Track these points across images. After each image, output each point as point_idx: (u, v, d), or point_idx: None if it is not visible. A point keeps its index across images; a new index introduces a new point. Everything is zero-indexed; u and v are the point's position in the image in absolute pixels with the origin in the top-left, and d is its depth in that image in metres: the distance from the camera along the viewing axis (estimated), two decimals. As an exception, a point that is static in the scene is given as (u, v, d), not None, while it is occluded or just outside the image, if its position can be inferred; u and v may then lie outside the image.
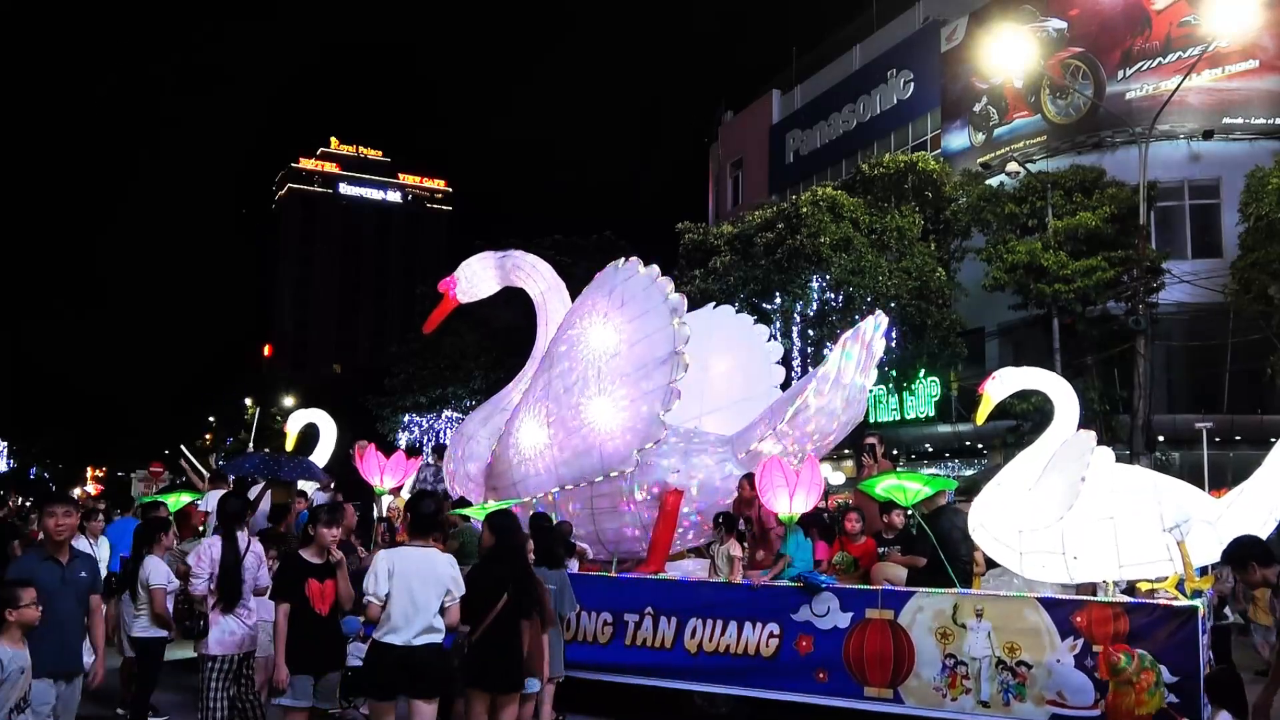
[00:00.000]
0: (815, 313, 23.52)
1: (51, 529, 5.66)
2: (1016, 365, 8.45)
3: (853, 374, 8.75)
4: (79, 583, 5.68)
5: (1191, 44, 23.56)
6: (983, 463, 24.98)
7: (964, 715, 6.89)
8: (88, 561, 5.88)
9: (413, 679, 5.55)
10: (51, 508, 5.72)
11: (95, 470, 68.42)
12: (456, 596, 5.74)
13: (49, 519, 5.68)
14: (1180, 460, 20.57)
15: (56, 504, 5.77)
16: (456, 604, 5.75)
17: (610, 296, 8.92)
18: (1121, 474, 7.40)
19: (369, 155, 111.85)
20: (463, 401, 33.90)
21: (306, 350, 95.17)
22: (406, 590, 5.56)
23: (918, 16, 31.75)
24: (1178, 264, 22.21)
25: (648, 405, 8.37)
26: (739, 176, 39.87)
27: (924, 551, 7.62)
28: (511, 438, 9.36)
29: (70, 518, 5.78)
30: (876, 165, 25.24)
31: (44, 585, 5.36)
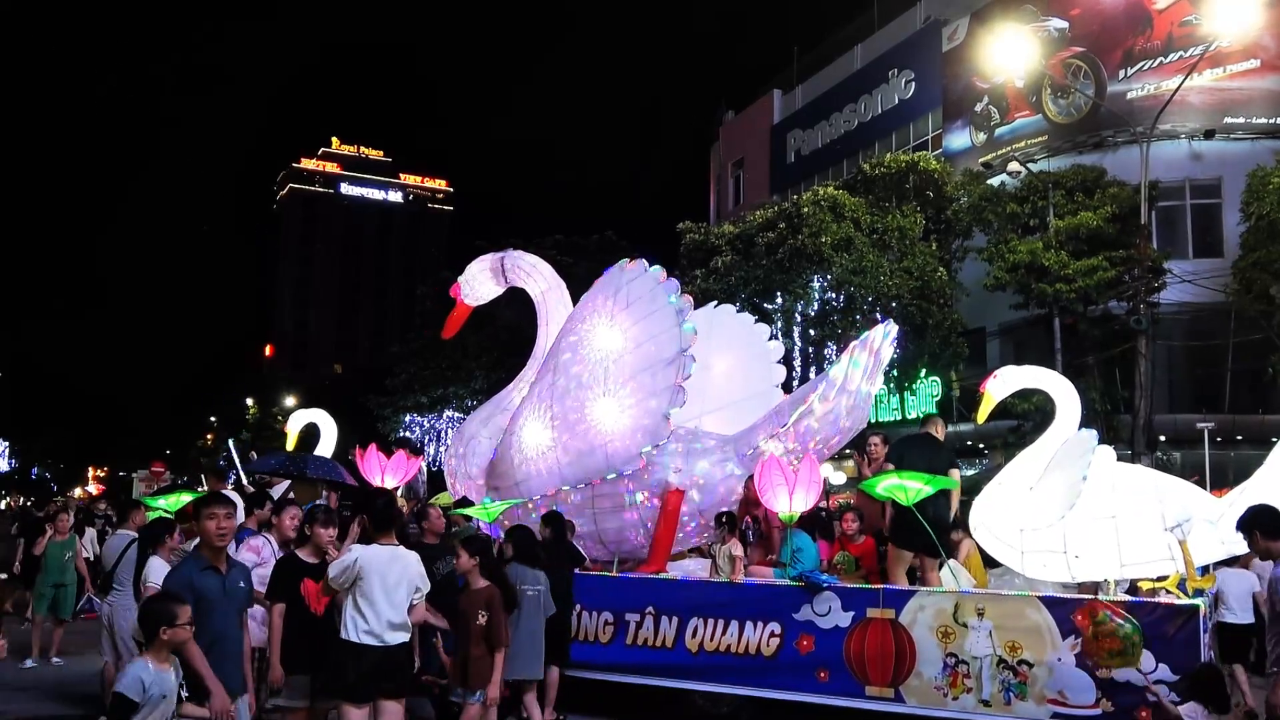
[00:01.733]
0: (816, 313, 23.51)
1: (212, 533, 5.05)
2: (1018, 365, 8.43)
3: (859, 381, 8.75)
4: (238, 594, 5.19)
5: (1193, 44, 23.56)
6: (984, 462, 24.96)
7: (965, 714, 6.88)
8: (244, 571, 5.38)
9: (386, 679, 5.54)
10: (212, 509, 5.11)
11: (96, 470, 68.48)
12: (424, 593, 5.78)
13: (209, 521, 5.06)
14: (1182, 460, 20.57)
15: (217, 505, 5.17)
16: (422, 601, 5.78)
17: (616, 297, 8.92)
18: (1123, 473, 7.39)
19: (370, 155, 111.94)
20: (464, 401, 33.88)
21: (307, 350, 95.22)
22: (382, 590, 5.53)
23: (919, 16, 31.75)
24: (1179, 264, 22.20)
25: (655, 405, 8.38)
26: (740, 176, 39.88)
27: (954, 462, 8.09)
28: (514, 438, 9.35)
29: (231, 520, 5.18)
30: (878, 165, 25.23)
31: (207, 597, 4.86)
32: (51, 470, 74.22)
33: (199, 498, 6.09)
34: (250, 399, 56.66)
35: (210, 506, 5.13)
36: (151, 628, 4.39)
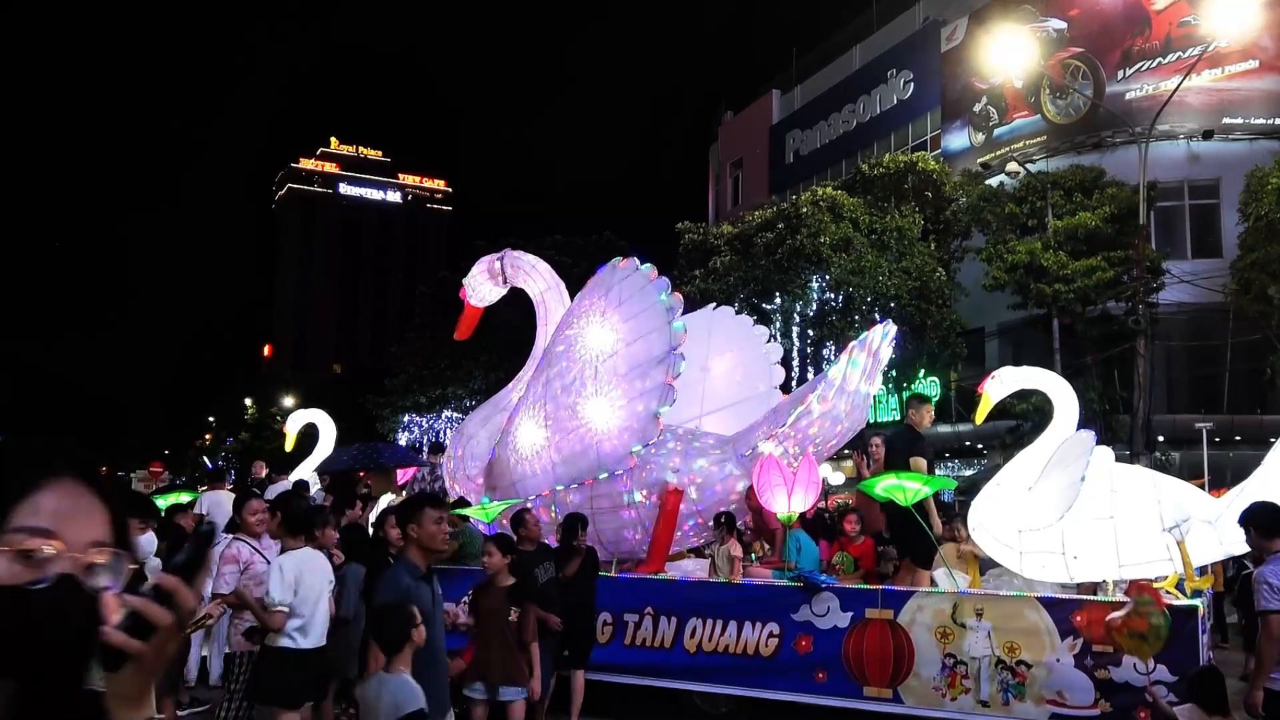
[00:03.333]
0: (815, 313, 23.52)
1: (439, 537, 4.67)
2: (1016, 365, 8.44)
3: (858, 382, 8.75)
4: (441, 604, 4.91)
5: (1191, 44, 23.57)
6: (983, 463, 24.98)
7: (964, 715, 6.88)
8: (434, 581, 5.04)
9: (321, 680, 5.61)
10: (432, 510, 4.68)
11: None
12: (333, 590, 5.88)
13: (430, 524, 4.64)
14: (1180, 460, 20.57)
15: (433, 505, 4.74)
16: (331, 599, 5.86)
17: (607, 296, 8.93)
18: (1121, 473, 7.39)
19: (369, 155, 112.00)
20: (463, 401, 33.89)
21: (306, 350, 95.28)
22: (315, 594, 5.54)
23: (918, 17, 31.76)
24: (1178, 264, 22.21)
25: (644, 405, 8.37)
26: (739, 176, 39.87)
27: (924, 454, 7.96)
28: (510, 438, 9.36)
29: (443, 524, 4.79)
30: (876, 165, 25.24)
31: (423, 609, 4.47)
32: (50, 470, 74.14)
33: (412, 498, 5.71)
34: (249, 399, 56.63)
35: (432, 509, 4.72)
36: (401, 635, 4.14)
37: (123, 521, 1.14)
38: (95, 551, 1.07)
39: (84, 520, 1.09)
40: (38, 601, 1.03)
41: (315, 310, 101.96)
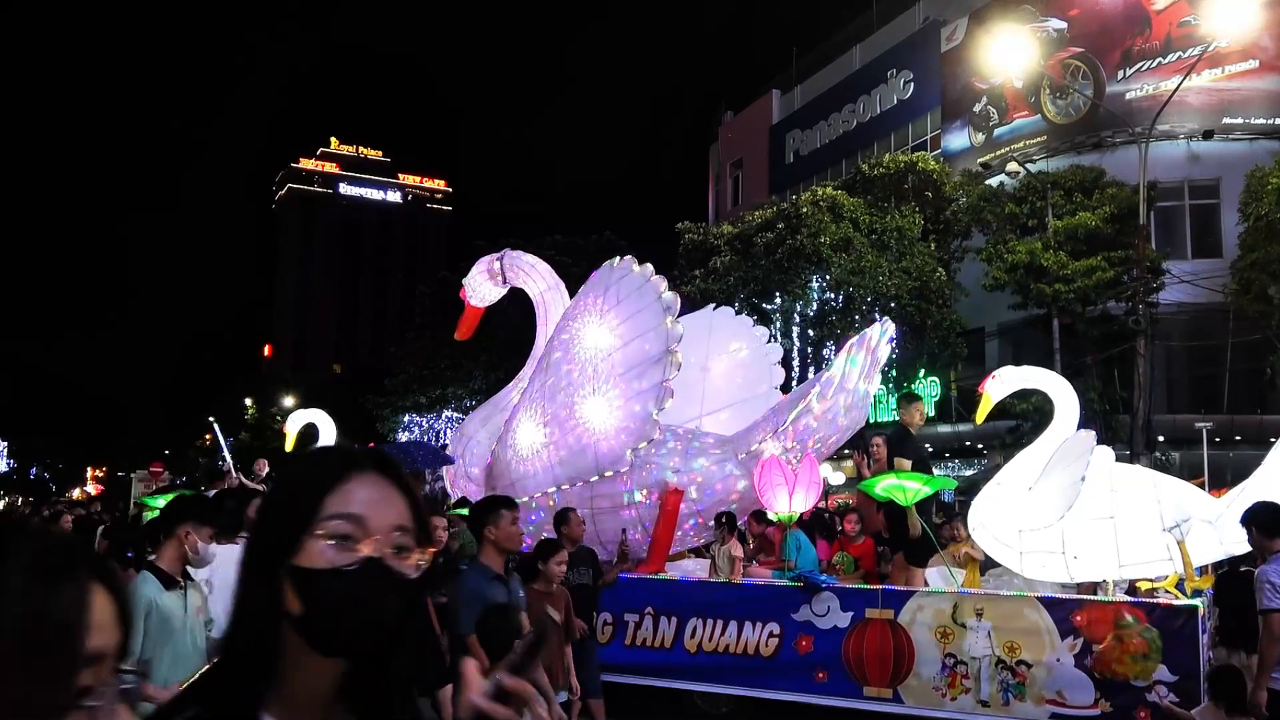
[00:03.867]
0: (815, 313, 23.52)
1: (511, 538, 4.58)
2: (1016, 365, 8.45)
3: (857, 379, 8.76)
4: (519, 605, 4.84)
5: (1191, 44, 23.56)
6: (983, 463, 24.97)
7: (964, 715, 6.89)
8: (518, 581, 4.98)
9: None
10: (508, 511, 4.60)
11: (95, 470, 68.38)
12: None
13: (507, 524, 4.59)
14: (1180, 460, 20.56)
15: (508, 507, 4.64)
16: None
17: (605, 295, 8.94)
18: (1121, 473, 7.40)
19: (369, 155, 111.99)
20: (463, 401, 33.89)
21: (306, 350, 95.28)
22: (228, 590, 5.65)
23: (918, 16, 31.75)
24: (1178, 264, 22.20)
25: (641, 404, 8.38)
26: (739, 176, 39.87)
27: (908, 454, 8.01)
28: (509, 438, 9.36)
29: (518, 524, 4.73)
30: (876, 165, 25.23)
31: None
32: (50, 470, 74.18)
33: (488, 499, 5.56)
34: (249, 399, 56.61)
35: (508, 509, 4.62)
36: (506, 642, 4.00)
37: (422, 512, 1.22)
38: (399, 535, 1.16)
39: (387, 508, 1.17)
40: (353, 582, 1.11)
41: (315, 310, 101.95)
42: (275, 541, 1.13)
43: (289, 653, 1.12)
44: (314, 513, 1.13)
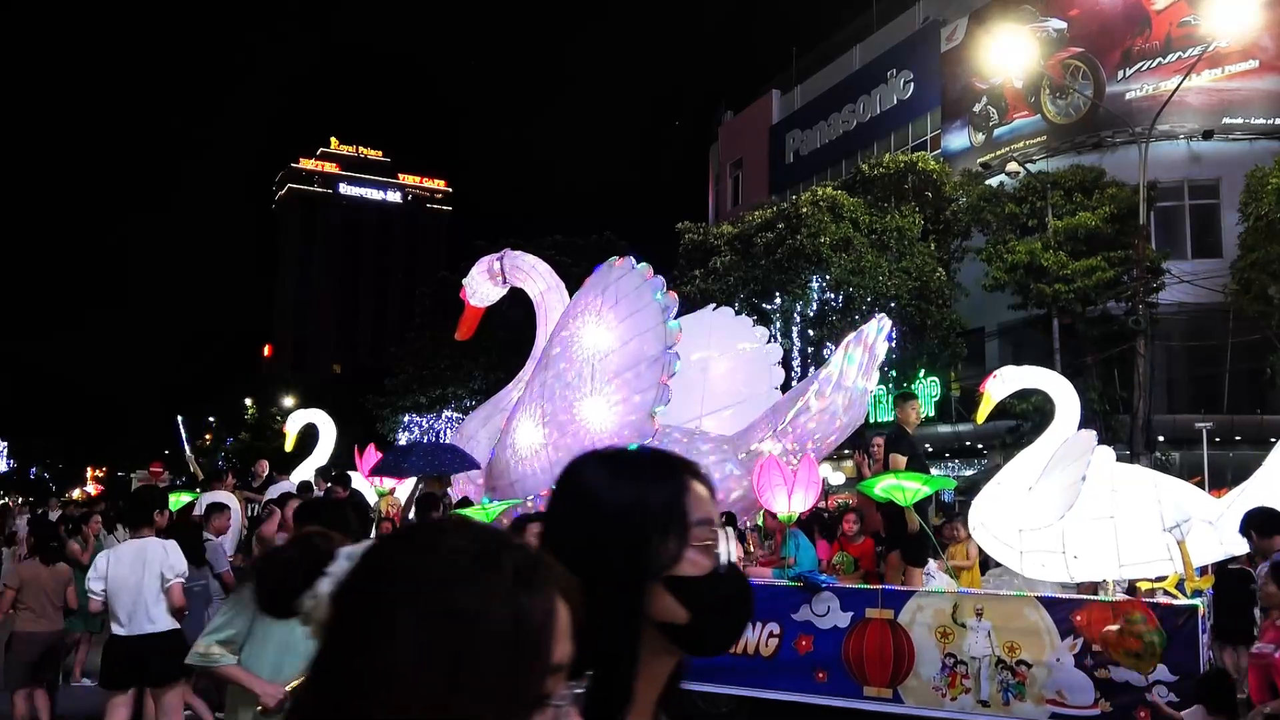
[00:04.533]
0: (815, 313, 23.52)
1: None
2: (1016, 365, 8.45)
3: (855, 377, 8.77)
4: None
5: (1191, 44, 23.55)
6: (983, 463, 24.96)
7: (964, 715, 6.88)
8: None
9: (142, 669, 5.93)
10: None
11: (95, 470, 68.37)
12: (172, 579, 6.01)
13: None
14: (1180, 460, 20.56)
15: None
16: (175, 585, 6.03)
17: (603, 295, 8.95)
18: (1121, 473, 7.40)
19: (369, 155, 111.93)
20: (463, 401, 33.88)
21: (306, 350, 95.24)
22: (123, 586, 5.92)
23: (918, 16, 31.75)
24: (1178, 264, 22.19)
25: (639, 404, 8.39)
26: (739, 176, 39.86)
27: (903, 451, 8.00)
28: (509, 437, 9.37)
29: None
30: (876, 165, 25.23)
31: None
32: (50, 470, 74.17)
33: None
34: (249, 399, 56.61)
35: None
36: None
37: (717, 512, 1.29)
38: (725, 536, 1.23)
39: (712, 510, 1.24)
40: (729, 584, 1.19)
41: (315, 310, 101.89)
42: (652, 555, 1.17)
43: (641, 659, 1.18)
44: (686, 523, 1.19)
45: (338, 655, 0.87)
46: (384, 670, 0.82)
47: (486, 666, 0.83)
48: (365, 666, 0.83)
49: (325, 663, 0.88)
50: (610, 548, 1.18)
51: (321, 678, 0.87)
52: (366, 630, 0.84)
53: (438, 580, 0.85)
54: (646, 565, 1.17)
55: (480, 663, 0.83)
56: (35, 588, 7.70)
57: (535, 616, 0.87)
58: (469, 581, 0.85)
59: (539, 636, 0.87)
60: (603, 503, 1.21)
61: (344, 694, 0.83)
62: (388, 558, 0.90)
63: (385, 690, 0.82)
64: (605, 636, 1.13)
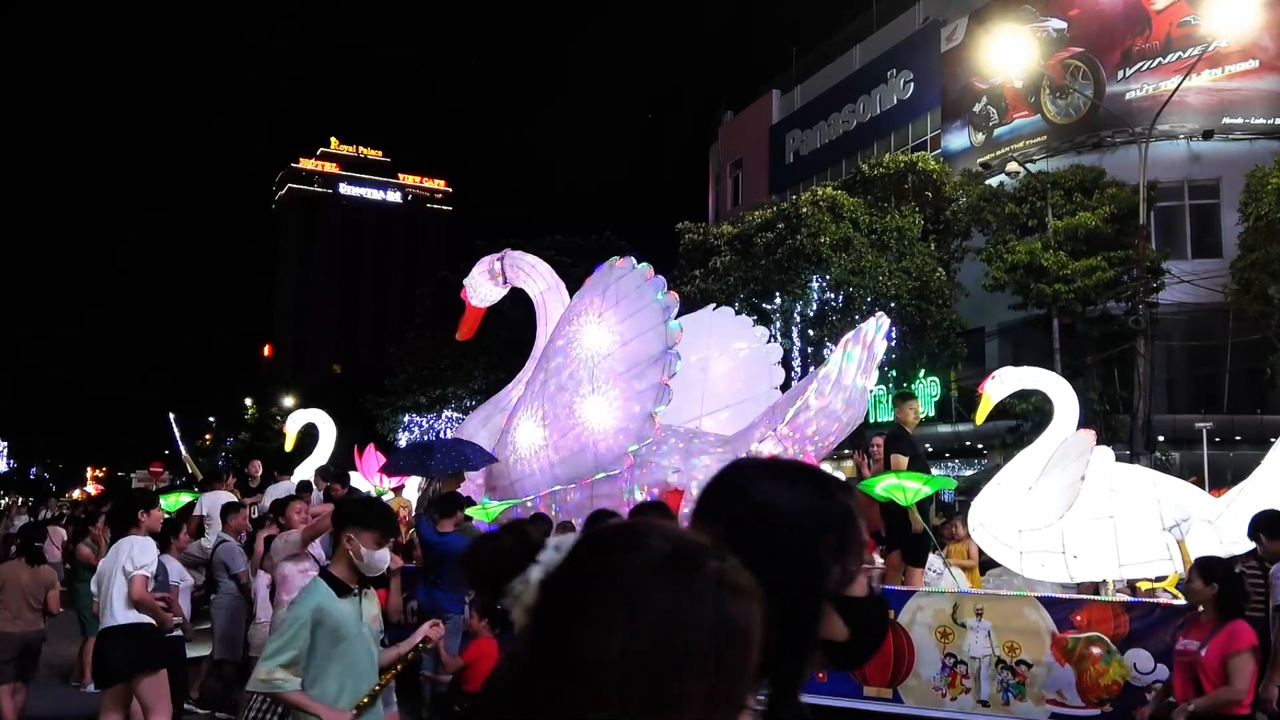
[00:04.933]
0: (815, 313, 23.51)
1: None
2: (1016, 365, 8.46)
3: (854, 375, 8.76)
4: None
5: (1191, 44, 23.55)
6: (983, 463, 24.96)
7: (964, 715, 6.88)
8: None
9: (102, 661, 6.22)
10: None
11: (95, 470, 68.38)
12: (133, 571, 6.14)
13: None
14: (1180, 460, 20.56)
15: None
16: (135, 576, 6.14)
17: (604, 295, 8.95)
18: (1121, 473, 7.40)
19: (369, 155, 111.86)
20: (463, 401, 33.87)
21: (306, 350, 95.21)
22: (102, 584, 6.27)
23: (918, 16, 31.74)
24: (1178, 264, 22.19)
25: (639, 404, 8.39)
26: (739, 176, 39.85)
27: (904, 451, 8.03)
28: (509, 438, 9.37)
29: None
30: (876, 165, 25.22)
31: None
32: (50, 470, 74.18)
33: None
34: (249, 399, 56.62)
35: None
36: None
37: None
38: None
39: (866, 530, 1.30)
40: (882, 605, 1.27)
41: (315, 310, 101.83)
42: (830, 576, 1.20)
43: None
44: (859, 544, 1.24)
45: (546, 644, 0.89)
46: (594, 664, 0.84)
47: (695, 668, 0.85)
48: (575, 657, 0.85)
49: (533, 649, 0.90)
50: (792, 565, 1.18)
51: (527, 665, 0.89)
52: (576, 623, 0.87)
53: (646, 581, 0.88)
54: (824, 585, 1.19)
55: (689, 664, 0.85)
56: (15, 589, 7.71)
57: (740, 621, 0.89)
58: (676, 583, 0.88)
59: (744, 641, 0.89)
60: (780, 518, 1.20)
61: (552, 682, 0.86)
62: (596, 555, 0.93)
63: (594, 684, 0.84)
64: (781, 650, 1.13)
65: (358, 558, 3.90)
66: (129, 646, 6.15)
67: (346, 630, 3.79)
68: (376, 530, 3.99)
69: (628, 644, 0.84)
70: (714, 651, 0.86)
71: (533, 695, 0.87)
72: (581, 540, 0.97)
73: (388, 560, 4.22)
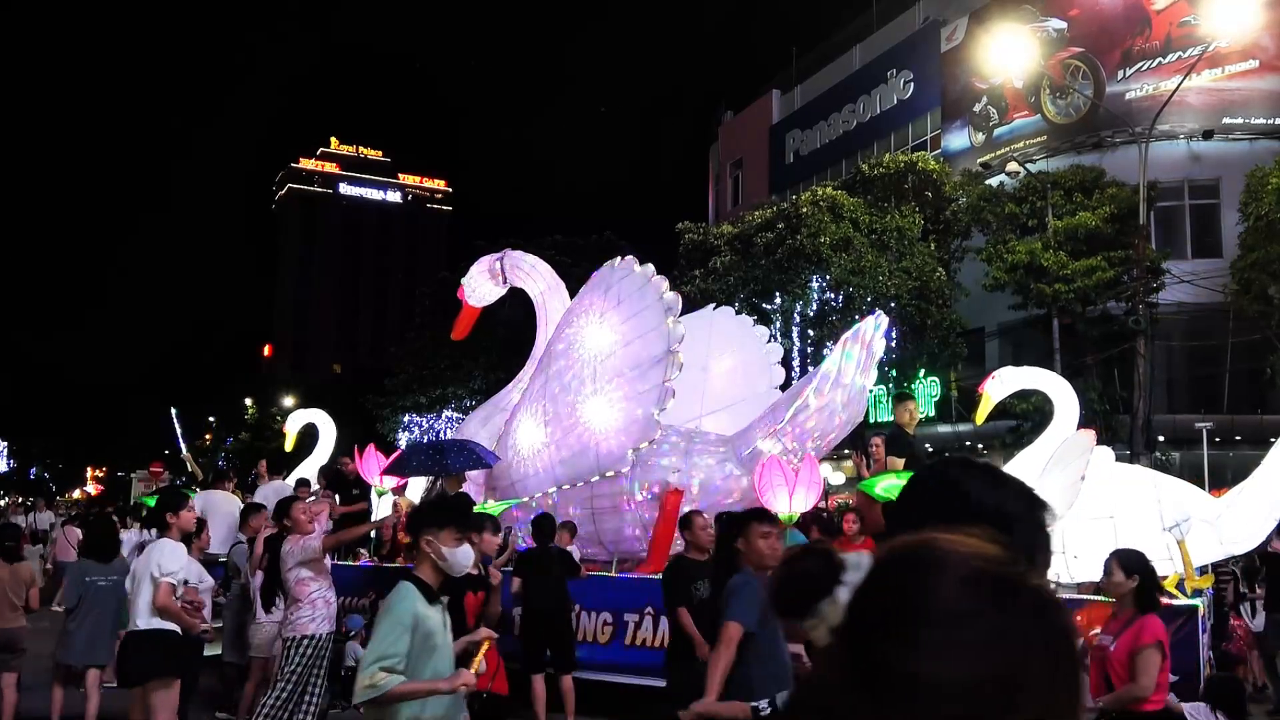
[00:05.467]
0: (815, 313, 23.51)
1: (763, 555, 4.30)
2: (1016, 365, 8.46)
3: (853, 374, 8.76)
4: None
5: (1191, 44, 23.54)
6: (983, 463, 24.91)
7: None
8: None
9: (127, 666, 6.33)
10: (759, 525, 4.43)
11: (95, 470, 68.39)
12: (160, 578, 6.13)
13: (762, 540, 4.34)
14: (1180, 460, 20.56)
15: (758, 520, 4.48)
16: (161, 584, 6.13)
17: (606, 296, 8.94)
18: (1121, 473, 7.40)
19: (369, 155, 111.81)
20: (463, 401, 33.86)
21: (306, 350, 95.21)
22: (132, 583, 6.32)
23: (918, 16, 31.74)
24: (1178, 264, 22.18)
25: (642, 405, 8.38)
26: (739, 176, 39.85)
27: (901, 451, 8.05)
28: (510, 438, 9.37)
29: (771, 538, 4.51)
30: (876, 165, 25.22)
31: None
32: (50, 470, 74.16)
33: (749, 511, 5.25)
34: (249, 399, 56.60)
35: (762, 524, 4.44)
36: None
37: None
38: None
39: None
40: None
41: (315, 310, 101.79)
42: None
43: None
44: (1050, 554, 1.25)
45: (866, 667, 0.86)
46: (928, 688, 0.82)
47: (1033, 687, 0.83)
48: (903, 681, 0.82)
49: (849, 672, 0.87)
50: None
51: (844, 687, 0.87)
52: (901, 646, 0.84)
53: (971, 601, 0.85)
54: None
55: (1027, 682, 0.82)
56: None
57: (1067, 634, 0.87)
58: (1000, 604, 0.85)
59: (1072, 653, 0.87)
60: (1003, 524, 1.16)
61: (877, 703, 0.83)
62: (904, 575, 0.90)
63: (930, 709, 0.81)
64: None
65: (440, 559, 3.72)
66: (148, 653, 6.16)
67: (436, 639, 3.62)
68: (452, 526, 3.80)
69: (961, 667, 0.82)
70: (1048, 667, 0.84)
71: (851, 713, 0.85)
72: (886, 561, 0.95)
73: (472, 557, 4.00)
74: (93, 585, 7.56)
